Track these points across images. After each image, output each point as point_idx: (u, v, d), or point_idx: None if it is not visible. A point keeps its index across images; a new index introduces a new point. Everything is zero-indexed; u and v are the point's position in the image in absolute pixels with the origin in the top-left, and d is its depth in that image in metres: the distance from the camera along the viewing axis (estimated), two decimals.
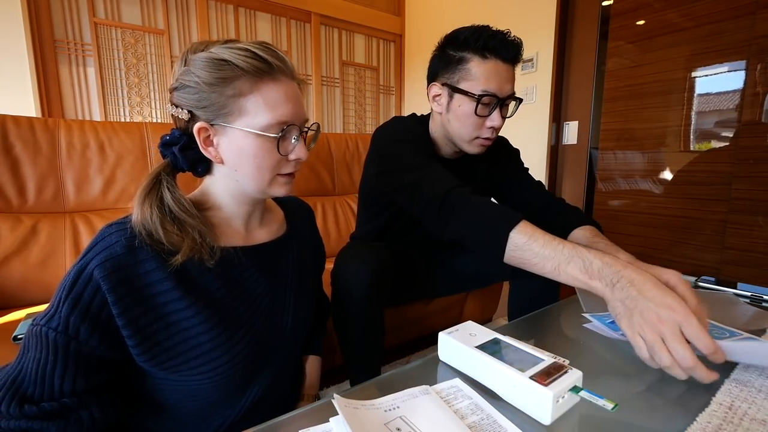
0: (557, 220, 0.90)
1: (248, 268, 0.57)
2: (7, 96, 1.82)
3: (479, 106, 0.82)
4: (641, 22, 1.76)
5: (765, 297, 0.82)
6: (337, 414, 0.43)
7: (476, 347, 0.51)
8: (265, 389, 0.59)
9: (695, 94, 1.63)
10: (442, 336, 0.56)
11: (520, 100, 0.87)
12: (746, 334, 0.56)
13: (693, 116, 1.64)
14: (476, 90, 0.81)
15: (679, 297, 0.47)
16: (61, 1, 1.95)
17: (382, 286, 0.83)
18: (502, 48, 0.80)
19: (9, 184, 1.13)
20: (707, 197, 1.62)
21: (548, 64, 2.12)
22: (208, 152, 0.52)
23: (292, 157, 0.54)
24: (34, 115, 1.87)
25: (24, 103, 1.86)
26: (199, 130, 0.51)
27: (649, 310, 0.47)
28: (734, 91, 1.52)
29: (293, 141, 0.54)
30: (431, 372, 0.57)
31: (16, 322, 0.90)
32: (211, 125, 0.51)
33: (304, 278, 0.66)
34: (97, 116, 2.09)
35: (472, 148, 0.90)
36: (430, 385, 0.50)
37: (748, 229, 1.51)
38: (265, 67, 0.50)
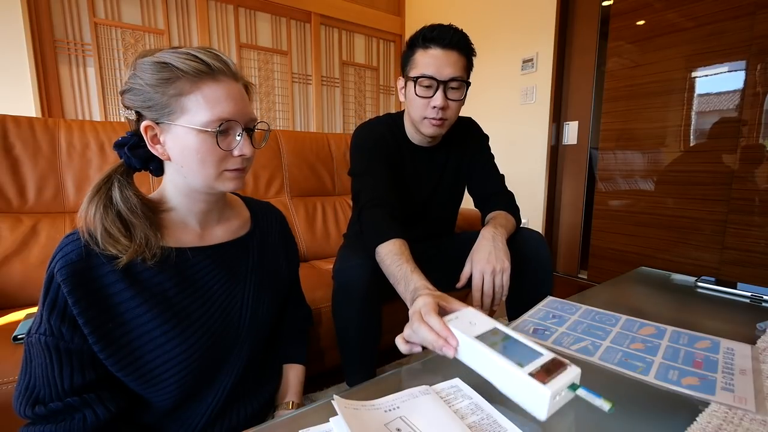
0: (488, 206, 1.07)
1: (204, 267, 0.60)
2: (7, 96, 1.82)
3: (418, 87, 0.92)
4: (641, 22, 1.76)
5: (765, 297, 0.82)
6: (337, 414, 0.43)
7: (476, 337, 0.51)
8: (232, 387, 0.62)
9: (695, 94, 1.63)
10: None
11: (467, 84, 0.95)
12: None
13: (693, 116, 1.64)
14: (417, 74, 0.92)
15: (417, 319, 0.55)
16: (61, 1, 1.95)
17: (381, 282, 0.85)
18: (440, 37, 0.91)
19: (9, 184, 1.13)
20: (707, 197, 1.62)
21: (548, 64, 2.11)
22: (155, 149, 0.56)
23: (236, 153, 0.57)
24: (34, 115, 1.87)
25: (24, 103, 1.85)
26: (146, 128, 0.54)
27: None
28: (734, 91, 1.52)
29: (237, 138, 0.56)
30: (431, 372, 0.57)
31: (16, 323, 0.90)
32: (157, 124, 0.54)
33: (265, 278, 0.68)
34: (97, 116, 2.09)
35: (425, 129, 0.98)
36: (430, 385, 0.50)
37: (748, 229, 1.51)
38: (205, 68, 0.53)
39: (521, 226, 1.05)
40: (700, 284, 0.92)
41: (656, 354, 0.58)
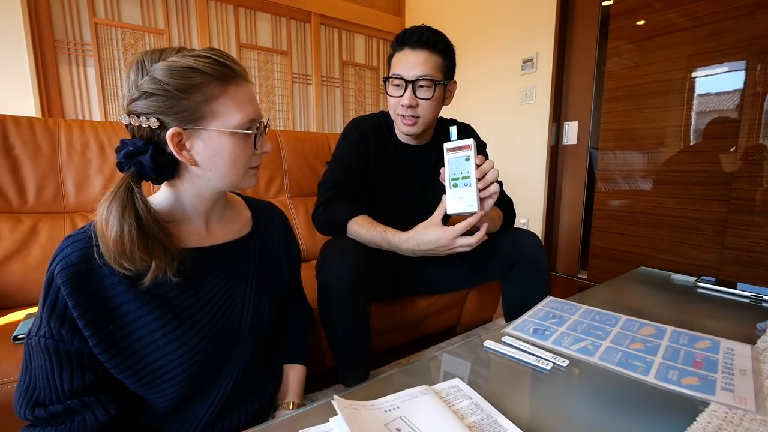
0: None
1: (205, 267, 0.60)
2: (7, 96, 1.81)
3: (389, 86, 0.97)
4: (641, 22, 1.76)
5: (765, 297, 0.82)
6: (337, 414, 0.43)
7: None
8: (233, 387, 0.62)
9: (695, 94, 1.63)
10: None
11: (437, 83, 0.95)
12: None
13: (693, 116, 1.64)
14: (389, 75, 0.97)
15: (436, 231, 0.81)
16: (61, 1, 1.95)
17: (364, 277, 0.87)
18: (410, 37, 0.93)
19: (9, 184, 1.13)
20: (707, 197, 1.62)
21: (548, 64, 2.11)
22: (182, 156, 0.54)
23: (259, 150, 0.60)
24: (34, 115, 1.87)
25: (24, 103, 1.85)
26: (173, 135, 0.52)
27: (436, 252, 0.83)
28: (734, 91, 1.52)
29: (259, 136, 0.59)
30: (431, 372, 0.57)
31: (16, 323, 0.90)
32: (184, 130, 0.52)
33: (266, 278, 0.68)
34: (97, 116, 2.09)
35: (399, 126, 1.02)
36: (430, 385, 0.50)
37: (748, 229, 1.51)
38: (229, 72, 0.54)
39: (517, 227, 1.05)
40: (700, 284, 0.92)
41: (656, 354, 0.58)
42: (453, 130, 0.79)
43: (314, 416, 0.46)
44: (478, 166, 0.74)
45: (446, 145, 0.78)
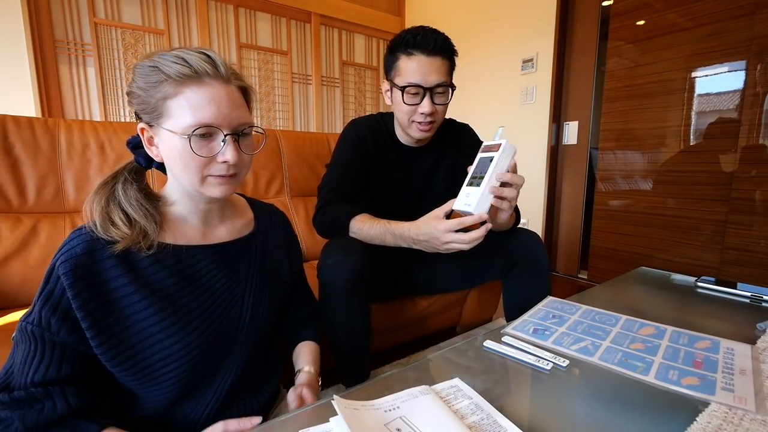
0: None
1: (206, 265, 0.61)
2: (7, 96, 1.82)
3: (405, 95, 0.95)
4: (641, 22, 1.76)
5: (765, 297, 0.82)
6: (337, 414, 0.43)
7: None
8: (231, 386, 0.62)
9: (695, 94, 1.63)
10: None
11: (453, 87, 0.96)
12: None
13: (693, 116, 1.64)
14: (403, 83, 0.94)
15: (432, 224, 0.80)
16: (61, 1, 1.95)
17: (365, 277, 0.87)
18: (424, 43, 0.91)
19: (9, 184, 1.13)
20: (707, 197, 1.62)
21: (548, 65, 2.12)
22: (150, 151, 0.57)
23: (219, 159, 0.55)
24: (34, 115, 1.87)
25: (24, 103, 1.85)
26: (141, 130, 0.57)
27: (432, 245, 0.82)
28: (734, 91, 1.52)
29: (221, 143, 0.54)
30: (431, 372, 0.57)
31: (16, 323, 0.90)
32: (150, 126, 0.55)
33: (266, 278, 0.69)
34: (97, 116, 2.09)
35: (413, 132, 1.01)
36: (430, 385, 0.50)
37: (748, 229, 1.51)
38: (189, 71, 0.52)
39: (519, 226, 1.05)
40: (700, 284, 0.92)
41: (656, 354, 0.58)
42: (500, 131, 0.81)
43: (314, 416, 0.46)
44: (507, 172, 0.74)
45: (484, 143, 0.79)
